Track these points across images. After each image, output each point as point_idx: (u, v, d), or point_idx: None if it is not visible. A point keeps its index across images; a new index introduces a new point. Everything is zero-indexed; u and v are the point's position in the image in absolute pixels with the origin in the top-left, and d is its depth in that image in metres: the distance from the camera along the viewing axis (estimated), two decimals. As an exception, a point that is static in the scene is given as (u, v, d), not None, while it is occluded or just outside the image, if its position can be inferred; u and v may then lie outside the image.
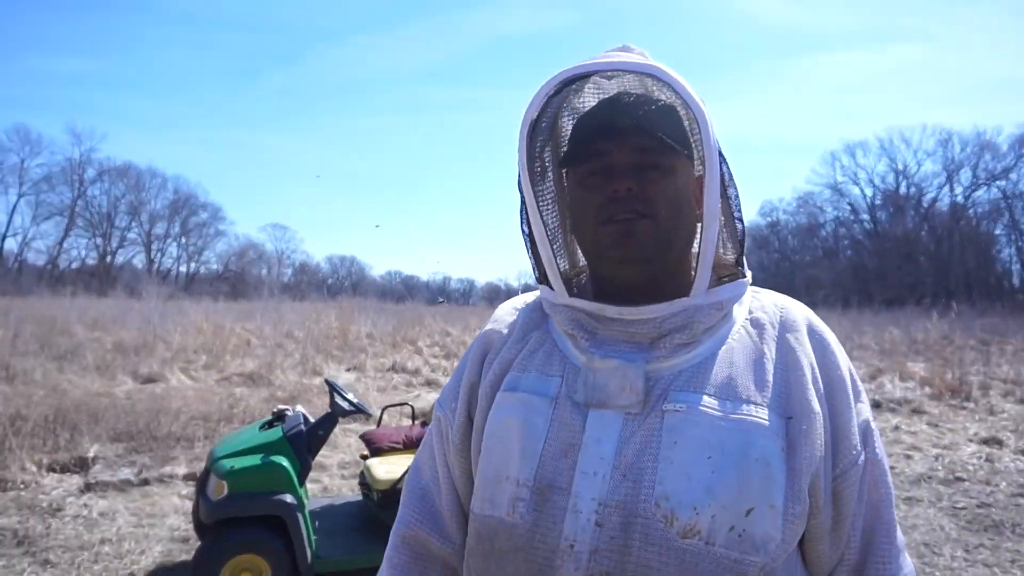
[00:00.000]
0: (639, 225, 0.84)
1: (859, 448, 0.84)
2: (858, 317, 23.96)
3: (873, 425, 0.88)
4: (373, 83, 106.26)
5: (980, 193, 49.72)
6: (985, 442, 7.19)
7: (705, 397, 0.81)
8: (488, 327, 1.00)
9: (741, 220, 0.89)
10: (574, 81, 0.90)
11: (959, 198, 50.19)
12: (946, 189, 50.87)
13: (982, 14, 73.91)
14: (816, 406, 0.82)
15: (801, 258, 57.56)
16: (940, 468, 6.29)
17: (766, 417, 0.80)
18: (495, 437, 0.88)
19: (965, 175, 49.86)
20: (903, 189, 52.27)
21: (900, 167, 52.09)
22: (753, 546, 0.76)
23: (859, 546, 0.85)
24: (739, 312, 0.90)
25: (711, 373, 0.83)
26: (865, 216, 54.54)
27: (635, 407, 0.81)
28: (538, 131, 0.93)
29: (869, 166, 53.99)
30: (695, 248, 0.90)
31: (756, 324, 0.88)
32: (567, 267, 0.99)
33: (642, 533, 0.77)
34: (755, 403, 0.81)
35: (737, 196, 0.88)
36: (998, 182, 48.38)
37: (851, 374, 0.88)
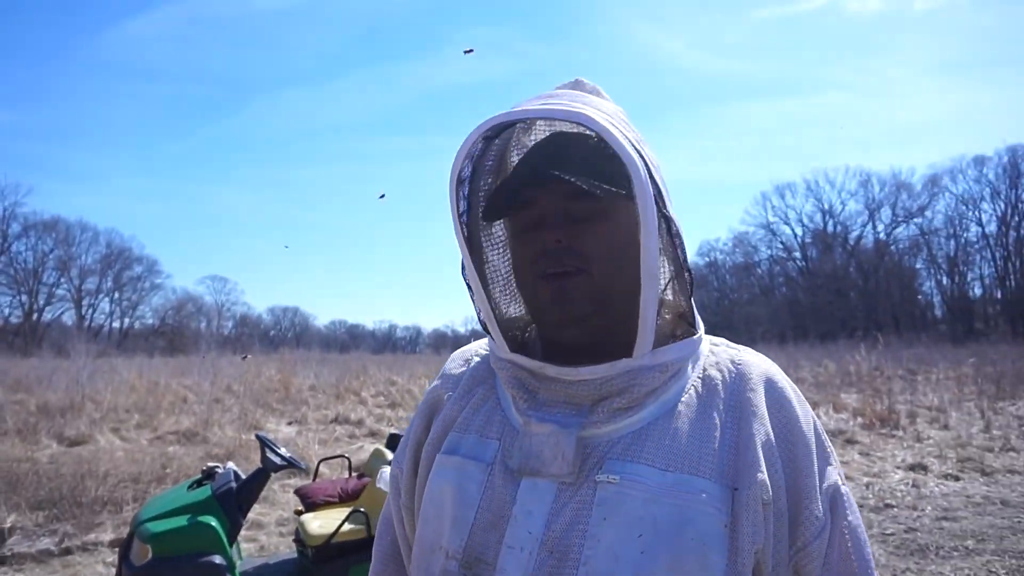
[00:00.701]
0: (573, 282, 0.78)
1: (823, 517, 0.76)
2: (795, 352, 24.74)
3: (845, 490, 0.80)
4: (311, 133, 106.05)
5: (900, 230, 52.62)
6: (912, 468, 7.49)
7: (642, 467, 0.74)
8: (435, 382, 0.96)
9: (689, 270, 0.82)
10: (502, 130, 0.85)
11: (882, 235, 52.92)
12: (869, 227, 53.61)
13: (896, 64, 79.41)
14: (765, 474, 0.74)
15: (739, 296, 59.35)
16: (871, 496, 6.51)
17: (708, 490, 0.73)
18: (431, 503, 0.84)
19: (886, 213, 52.73)
20: (830, 227, 54.81)
21: (826, 206, 54.71)
22: None
23: None
24: (692, 370, 0.82)
25: (651, 440, 0.75)
26: (797, 254, 56.85)
27: (568, 477, 0.75)
28: (480, 173, 0.87)
29: (798, 206, 56.56)
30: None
31: (707, 383, 0.80)
32: (521, 313, 0.92)
33: None
34: (697, 474, 0.73)
35: (683, 244, 0.81)
36: (915, 219, 51.27)
37: (817, 435, 0.81)
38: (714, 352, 0.85)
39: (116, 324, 57.58)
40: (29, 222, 52.10)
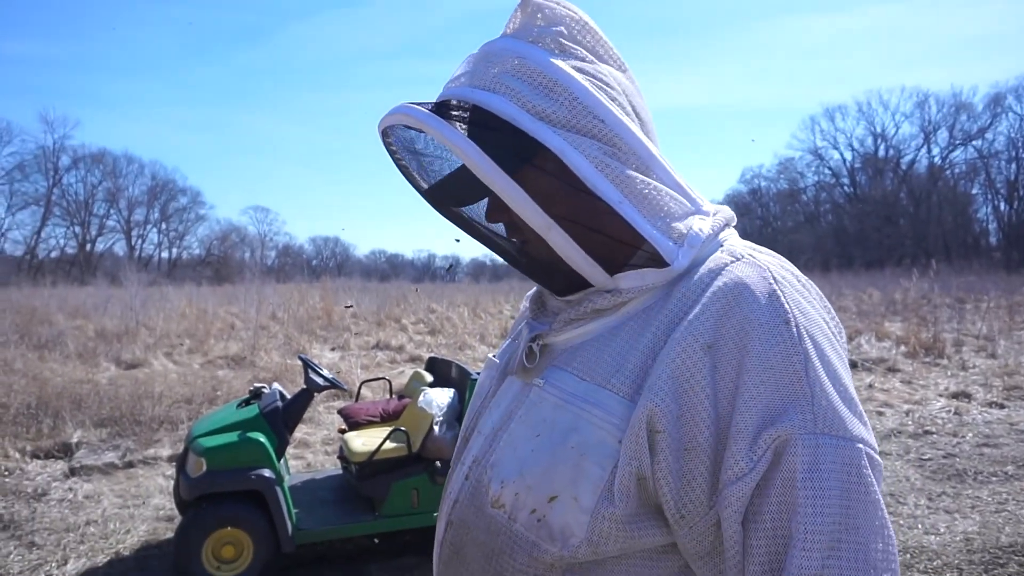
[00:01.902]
0: (522, 256, 0.82)
1: (747, 462, 0.66)
2: (839, 280, 24.28)
3: (811, 443, 0.66)
4: (347, 60, 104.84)
5: (957, 153, 50.25)
6: (955, 396, 7.39)
7: (566, 375, 0.77)
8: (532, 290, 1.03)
9: (611, 206, 0.74)
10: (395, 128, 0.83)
11: (936, 159, 50.66)
12: (924, 150, 51.30)
13: (958, -27, 73.79)
14: (660, 400, 0.69)
15: (783, 223, 57.96)
16: (910, 423, 6.48)
17: (606, 403, 0.72)
18: (475, 393, 0.95)
19: (942, 136, 50.30)
20: (882, 152, 52.66)
21: (878, 130, 52.45)
22: (550, 535, 0.73)
23: None
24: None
25: (586, 352, 0.77)
26: (845, 180, 54.97)
27: (526, 377, 0.82)
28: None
29: (848, 130, 54.58)
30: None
31: (665, 297, 0.76)
32: None
33: (472, 492, 0.81)
34: (604, 386, 0.73)
35: (600, 179, 0.74)
36: (974, 142, 48.85)
37: (796, 375, 0.68)
38: (708, 262, 0.76)
39: (164, 254, 59.27)
40: (78, 155, 53.24)
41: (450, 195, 0.86)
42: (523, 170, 0.75)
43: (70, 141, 54.05)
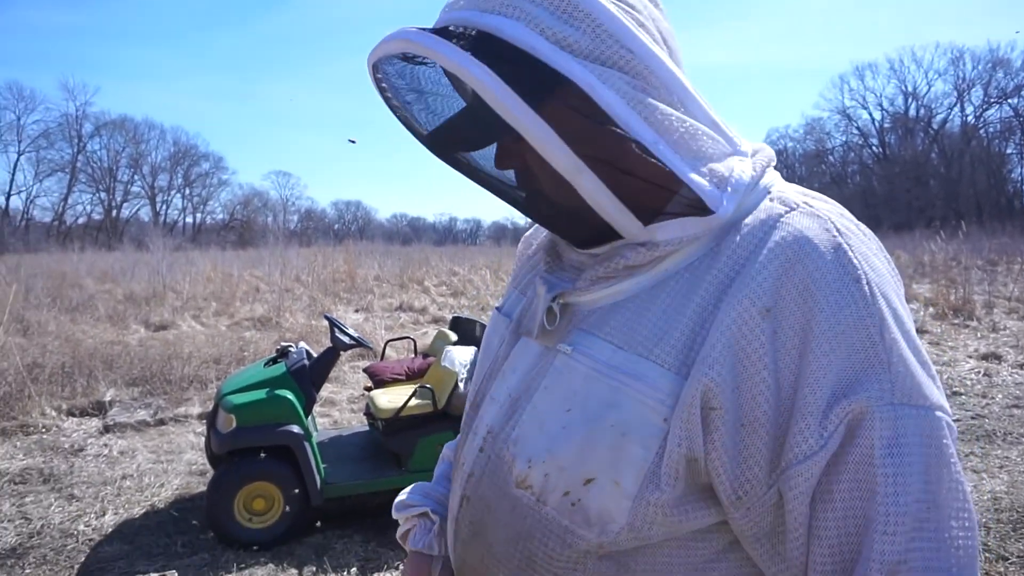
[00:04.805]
0: (537, 204, 0.74)
1: (817, 440, 0.60)
2: (865, 242, 23.78)
3: (888, 414, 0.59)
4: (367, 24, 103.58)
5: (992, 112, 48.69)
6: (984, 358, 7.28)
7: (599, 341, 0.68)
8: (530, 231, 0.95)
9: (645, 148, 0.65)
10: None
11: (970, 118, 49.18)
12: (957, 109, 49.82)
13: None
14: (715, 374, 0.62)
15: (809, 185, 54.72)
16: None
17: (651, 376, 0.64)
18: (482, 351, 0.89)
19: (976, 94, 48.74)
20: (913, 111, 51.24)
21: (910, 88, 50.96)
22: (586, 520, 0.66)
23: (833, 574, 0.62)
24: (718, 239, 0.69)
25: (621, 315, 0.69)
26: (874, 140, 53.69)
27: (547, 341, 0.73)
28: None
29: (878, 88, 53.16)
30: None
31: (713, 254, 0.67)
32: None
33: (492, 469, 0.73)
34: (647, 357, 0.65)
35: (629, 116, 0.65)
36: (1010, 100, 47.27)
37: (871, 338, 0.61)
38: (759, 212, 0.68)
39: (189, 219, 59.90)
40: (100, 121, 53.64)
41: (456, 139, 0.76)
42: (544, 107, 0.64)
43: (91, 108, 54.40)
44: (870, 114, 52.98)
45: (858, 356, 0.60)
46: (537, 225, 0.91)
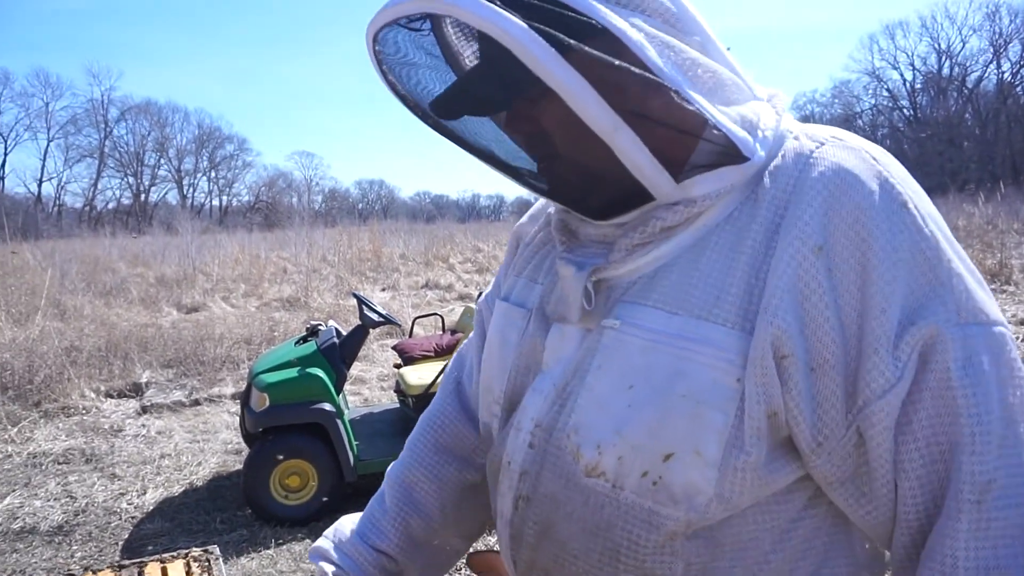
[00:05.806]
0: (553, 169, 0.69)
1: (893, 372, 0.58)
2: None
3: (957, 334, 0.58)
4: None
5: (1030, 68, 46.95)
6: (1022, 323, 7.12)
7: (648, 310, 0.65)
8: (523, 219, 0.91)
9: (677, 90, 0.62)
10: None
11: (1007, 76, 47.52)
12: (993, 67, 48.15)
13: None
14: (780, 320, 0.59)
15: None
16: (974, 351, 6.28)
17: (714, 337, 0.62)
18: (487, 349, 0.83)
19: (1014, 50, 46.98)
20: (946, 70, 49.65)
21: (943, 47, 49.30)
22: (671, 497, 0.63)
23: (923, 505, 0.61)
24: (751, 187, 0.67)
25: (667, 279, 0.66)
26: (904, 102, 52.20)
27: (588, 322, 0.69)
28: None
29: (909, 48, 51.55)
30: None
31: (751, 201, 0.65)
32: None
33: (552, 463, 0.69)
34: (707, 318, 0.62)
35: (657, 64, 0.61)
36: (1051, 55, 45.57)
37: (927, 257, 0.60)
38: (786, 152, 0.65)
39: (215, 202, 60.56)
40: (125, 106, 54.20)
41: (463, 104, 0.69)
42: (573, 58, 0.58)
43: (116, 93, 55.03)
44: (901, 75, 51.48)
45: (919, 281, 0.60)
46: (530, 213, 0.90)
